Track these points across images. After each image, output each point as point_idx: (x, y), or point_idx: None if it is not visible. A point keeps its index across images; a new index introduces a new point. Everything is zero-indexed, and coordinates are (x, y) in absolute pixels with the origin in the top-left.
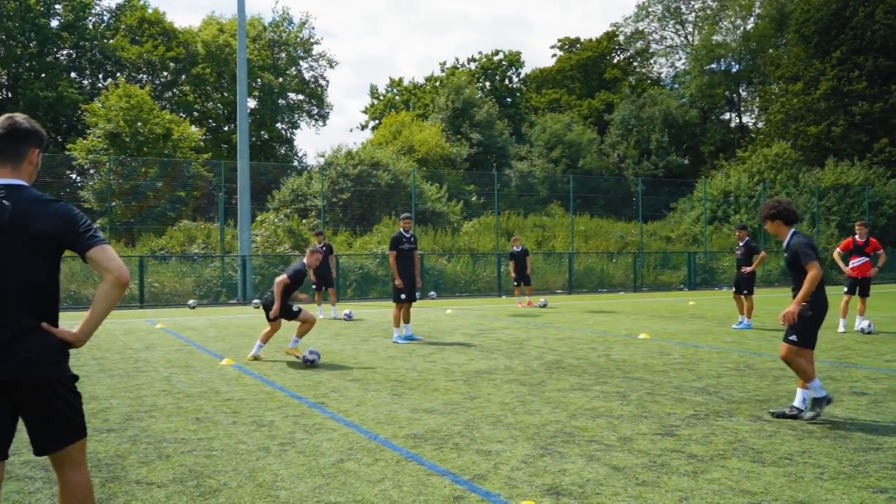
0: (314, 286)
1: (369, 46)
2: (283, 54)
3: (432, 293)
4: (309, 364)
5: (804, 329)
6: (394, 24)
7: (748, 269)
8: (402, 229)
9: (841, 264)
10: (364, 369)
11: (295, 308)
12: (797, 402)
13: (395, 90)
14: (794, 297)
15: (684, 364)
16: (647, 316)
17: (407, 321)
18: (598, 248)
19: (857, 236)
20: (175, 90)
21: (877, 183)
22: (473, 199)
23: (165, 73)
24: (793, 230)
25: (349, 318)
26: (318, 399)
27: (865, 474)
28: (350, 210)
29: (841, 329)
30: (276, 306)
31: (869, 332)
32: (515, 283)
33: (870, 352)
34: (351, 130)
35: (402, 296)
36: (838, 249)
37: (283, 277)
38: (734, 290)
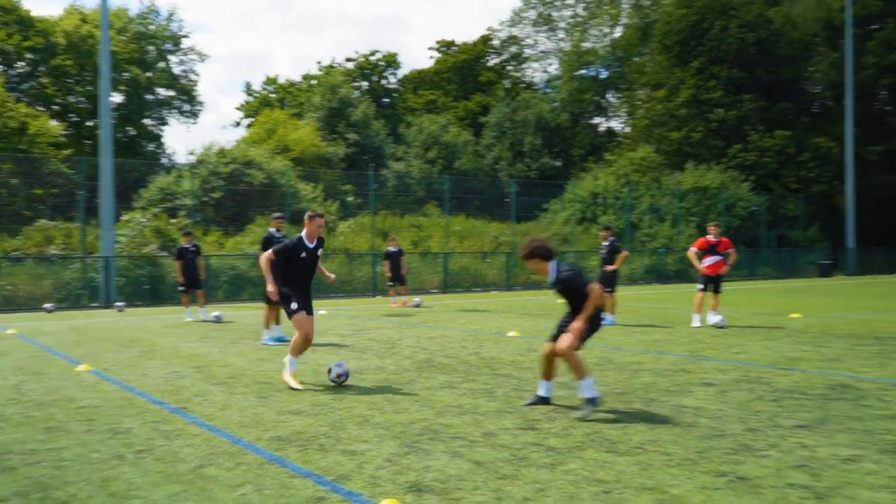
0: (181, 288)
1: (243, 42)
2: (152, 47)
3: None
4: (339, 381)
5: (585, 335)
6: (269, 21)
7: (611, 267)
8: (273, 229)
9: (696, 263)
10: (231, 372)
11: (293, 304)
12: (544, 392)
13: (270, 88)
14: (574, 317)
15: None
16: (517, 314)
17: (278, 322)
18: (473, 248)
19: (710, 236)
20: (33, 82)
21: (731, 186)
22: (350, 199)
23: (22, 64)
24: (555, 262)
25: (218, 320)
26: (181, 404)
27: (708, 460)
28: (222, 209)
29: (695, 324)
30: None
31: (721, 327)
32: (390, 283)
33: (720, 345)
34: (224, 128)
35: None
36: (693, 248)
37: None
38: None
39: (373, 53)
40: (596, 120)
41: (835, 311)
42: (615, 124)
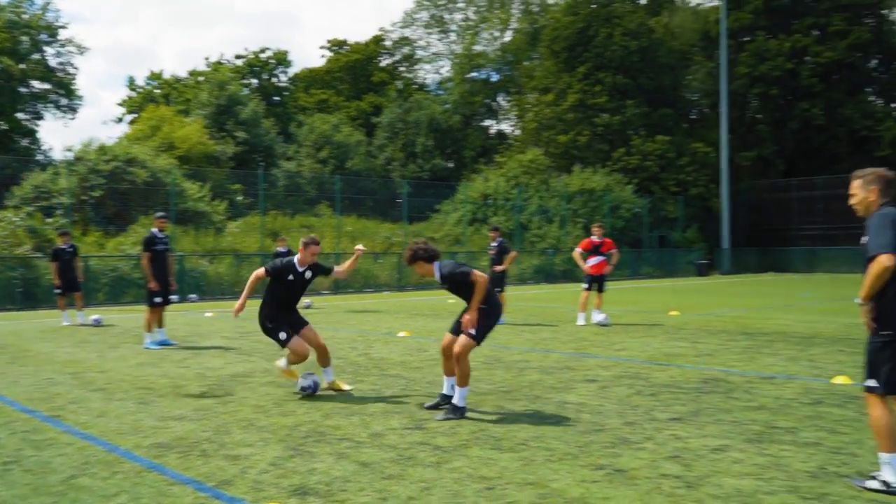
0: (58, 291)
1: (126, 35)
2: (26, 38)
3: (192, 296)
4: (307, 392)
5: (482, 328)
6: (152, 13)
7: (500, 267)
8: (155, 229)
9: (581, 263)
10: (110, 378)
11: (281, 335)
12: (447, 390)
13: (154, 83)
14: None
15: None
16: (409, 314)
17: (161, 325)
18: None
19: (594, 237)
20: None
21: (616, 188)
22: (239, 198)
23: None
24: (438, 264)
25: (98, 323)
26: (54, 412)
27: (588, 454)
28: (102, 209)
29: (580, 322)
30: (239, 301)
31: (605, 325)
32: None
33: (603, 342)
34: (105, 123)
35: (157, 299)
36: (578, 249)
37: (259, 270)
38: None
39: (263, 51)
40: (487, 122)
41: (710, 308)
42: (505, 127)
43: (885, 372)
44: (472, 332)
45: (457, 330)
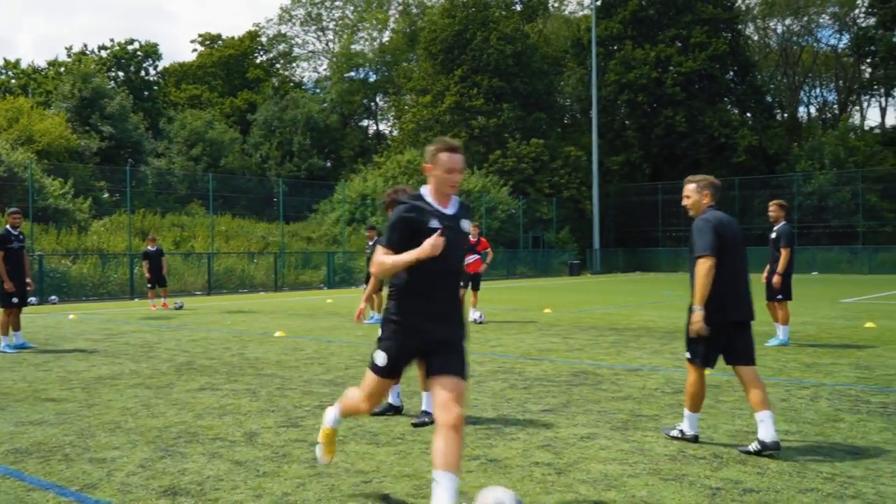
0: None
1: None
2: None
3: (53, 298)
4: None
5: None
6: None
7: None
8: (9, 226)
9: None
10: None
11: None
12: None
13: (10, 73)
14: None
15: (316, 359)
16: (285, 314)
17: (17, 328)
18: (240, 249)
19: (469, 235)
20: None
21: (492, 190)
22: (105, 195)
23: None
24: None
25: None
26: None
27: (463, 445)
28: None
29: None
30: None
31: (480, 322)
32: (150, 286)
33: (479, 339)
34: None
35: (13, 300)
36: None
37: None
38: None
39: (130, 42)
40: (365, 122)
41: (581, 306)
42: (383, 127)
43: (701, 349)
44: None
45: None
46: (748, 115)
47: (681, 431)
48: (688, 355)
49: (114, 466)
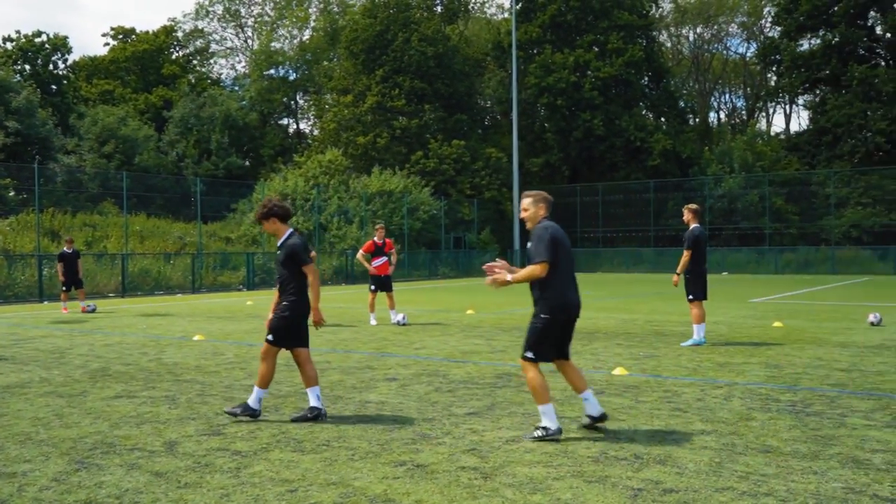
0: None
1: None
2: None
3: None
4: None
5: (280, 328)
6: None
7: None
8: None
9: (366, 264)
10: None
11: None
12: (251, 401)
13: None
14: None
15: (237, 363)
16: (204, 317)
17: None
18: (156, 249)
19: (376, 238)
20: None
21: (414, 190)
22: (11, 194)
23: None
24: (290, 229)
25: None
26: None
27: (389, 451)
28: None
29: (373, 322)
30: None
31: (403, 324)
32: (64, 288)
33: (403, 341)
34: None
35: None
36: (361, 251)
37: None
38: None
39: (38, 35)
40: (285, 121)
41: (503, 307)
42: (304, 126)
43: (538, 345)
44: (270, 337)
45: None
46: (662, 119)
47: (544, 429)
48: (530, 355)
49: (25, 481)
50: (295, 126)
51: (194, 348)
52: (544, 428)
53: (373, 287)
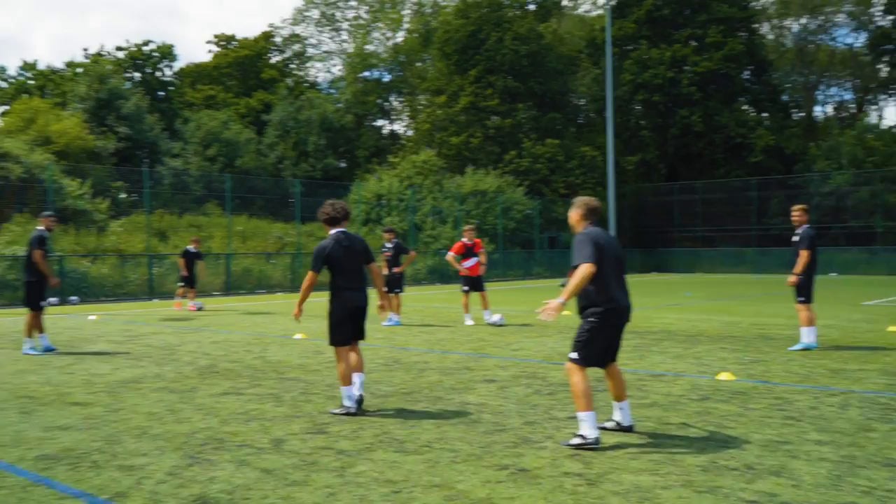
0: None
1: None
2: None
3: (73, 298)
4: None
5: (329, 328)
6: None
7: (397, 269)
8: (42, 227)
9: (457, 265)
10: None
11: None
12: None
13: (28, 74)
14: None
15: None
16: (304, 316)
17: (42, 331)
18: (257, 249)
19: (465, 239)
20: None
21: (507, 190)
22: (122, 196)
23: None
24: (333, 230)
25: None
26: None
27: (491, 454)
28: None
29: (468, 322)
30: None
31: (500, 325)
32: (181, 283)
33: (500, 342)
34: None
35: (44, 301)
36: (451, 253)
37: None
38: (387, 288)
39: (146, 43)
40: (380, 122)
41: None
42: (398, 127)
43: (585, 348)
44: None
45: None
46: (764, 114)
47: (582, 437)
48: (575, 356)
49: (143, 474)
50: (389, 127)
51: (296, 346)
52: (582, 436)
53: (465, 288)
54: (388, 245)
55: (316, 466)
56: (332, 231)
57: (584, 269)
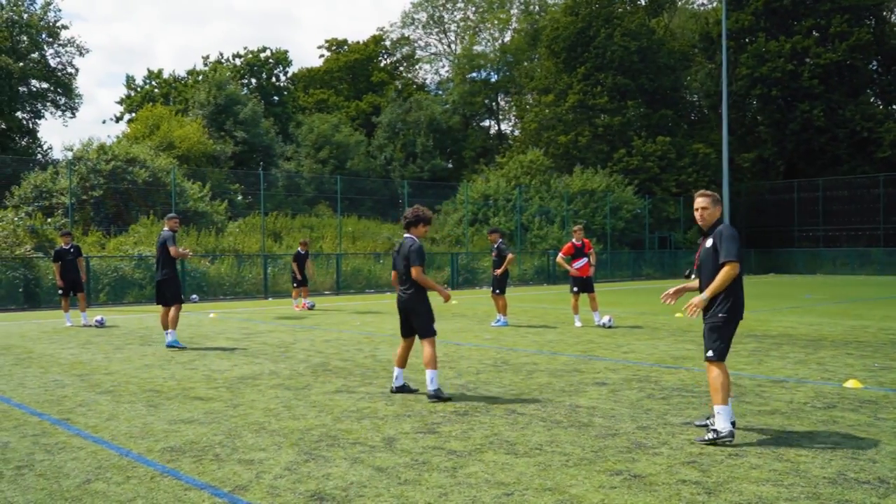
0: (60, 291)
1: (122, 33)
2: (25, 37)
3: (194, 296)
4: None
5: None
6: (149, 10)
7: (499, 270)
8: (167, 229)
9: (567, 266)
10: (117, 380)
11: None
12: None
13: (153, 82)
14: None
15: (446, 361)
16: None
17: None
18: (366, 249)
19: (574, 240)
20: None
21: (616, 189)
22: (238, 198)
23: None
24: (406, 235)
25: (101, 324)
26: (63, 415)
27: (604, 459)
28: (103, 209)
29: (577, 324)
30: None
31: (609, 327)
32: (295, 285)
33: (610, 344)
34: (104, 122)
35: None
36: (561, 254)
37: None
38: (492, 289)
39: (263, 50)
40: (486, 122)
41: None
42: (505, 127)
43: (720, 343)
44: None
45: None
46: (893, 107)
47: (716, 432)
48: (711, 354)
49: (261, 468)
50: (496, 127)
51: None
52: (716, 431)
53: (574, 289)
54: (494, 246)
55: (427, 466)
56: (405, 234)
57: (734, 270)
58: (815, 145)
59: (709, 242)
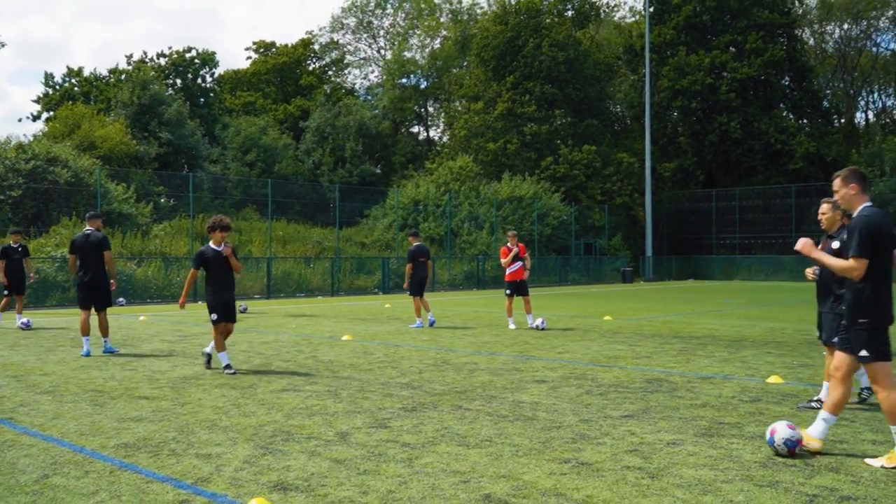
0: (5, 292)
1: (36, 28)
2: None
3: (121, 300)
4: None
5: None
6: (64, 5)
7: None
8: (89, 229)
9: (507, 266)
10: (55, 381)
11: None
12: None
13: (73, 80)
14: None
15: (388, 362)
16: (347, 319)
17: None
18: (296, 253)
19: (509, 244)
20: None
21: (543, 196)
22: (162, 200)
23: None
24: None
25: (27, 326)
26: (5, 414)
27: (552, 449)
28: (22, 209)
29: (511, 327)
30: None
31: (543, 329)
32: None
33: (545, 345)
34: (20, 121)
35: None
36: (502, 259)
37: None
38: (410, 292)
39: (188, 50)
40: (416, 128)
41: (640, 313)
42: (434, 133)
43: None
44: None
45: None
46: (804, 121)
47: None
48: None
49: (220, 462)
50: (426, 133)
51: (345, 347)
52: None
53: (508, 292)
54: (411, 249)
55: (384, 458)
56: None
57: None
58: (733, 156)
59: (835, 244)
